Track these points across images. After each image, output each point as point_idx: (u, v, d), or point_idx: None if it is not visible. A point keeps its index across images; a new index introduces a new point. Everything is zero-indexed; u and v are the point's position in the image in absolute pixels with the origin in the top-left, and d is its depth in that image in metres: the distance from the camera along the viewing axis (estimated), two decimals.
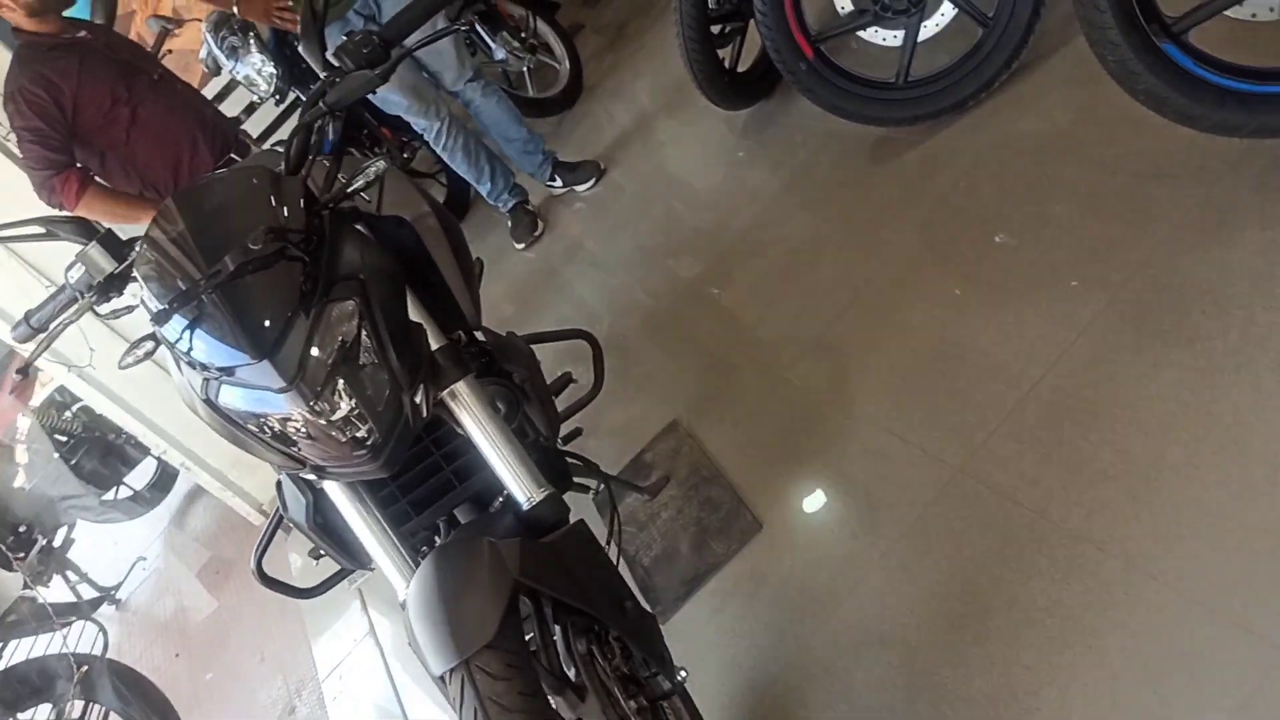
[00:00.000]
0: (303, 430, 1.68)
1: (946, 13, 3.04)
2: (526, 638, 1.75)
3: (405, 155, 5.00)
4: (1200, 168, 2.27)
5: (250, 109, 4.98)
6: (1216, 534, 1.74)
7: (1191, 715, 1.58)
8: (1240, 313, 1.98)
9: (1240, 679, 1.57)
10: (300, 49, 1.90)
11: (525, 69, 5.17)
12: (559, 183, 4.49)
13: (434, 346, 1.86)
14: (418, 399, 1.75)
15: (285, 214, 1.66)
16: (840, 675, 2.07)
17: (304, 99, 4.38)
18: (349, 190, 1.74)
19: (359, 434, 1.69)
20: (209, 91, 5.02)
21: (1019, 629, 1.87)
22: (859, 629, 2.12)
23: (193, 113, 3.53)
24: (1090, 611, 1.80)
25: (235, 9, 3.94)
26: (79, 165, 3.27)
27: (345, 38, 1.83)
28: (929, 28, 3.07)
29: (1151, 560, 1.78)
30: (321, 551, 2.23)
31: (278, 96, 4.67)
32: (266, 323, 1.61)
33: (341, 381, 1.65)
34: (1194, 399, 1.93)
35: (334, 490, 1.86)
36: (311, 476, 1.79)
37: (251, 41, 4.51)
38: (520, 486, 1.83)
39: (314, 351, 1.62)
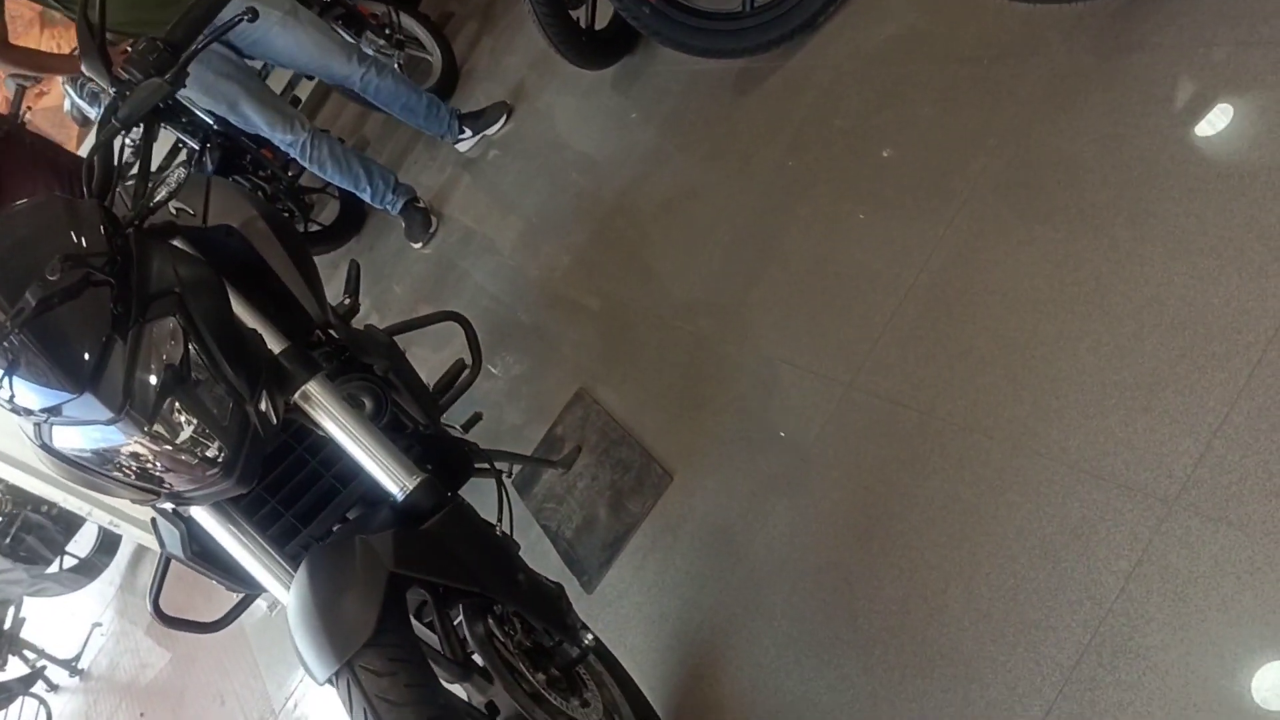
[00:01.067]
0: (150, 459, 1.61)
1: None
2: (428, 623, 1.70)
3: (290, 174, 4.90)
4: (1039, 40, 2.23)
5: None
6: (1094, 399, 1.71)
7: (1090, 583, 1.56)
8: (1092, 176, 1.95)
9: (1132, 539, 1.54)
10: (84, 68, 1.81)
11: (396, 65, 5.06)
12: (469, 134, 4.40)
13: (276, 351, 1.79)
14: (263, 407, 1.68)
15: (83, 239, 1.58)
16: (762, 610, 2.04)
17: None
18: (150, 205, 1.67)
19: (208, 453, 1.62)
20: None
21: (921, 530, 1.84)
22: (773, 560, 2.08)
23: (45, 164, 3.42)
24: (985, 500, 1.77)
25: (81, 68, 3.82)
26: None
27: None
28: None
29: (1036, 437, 1.76)
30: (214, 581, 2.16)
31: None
32: (84, 354, 1.53)
33: (176, 402, 1.58)
34: (1057, 270, 1.90)
35: (201, 514, 1.80)
36: (168, 506, 1.72)
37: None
38: (390, 477, 1.77)
39: (139, 375, 1.55)
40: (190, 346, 1.61)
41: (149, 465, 1.62)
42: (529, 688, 1.70)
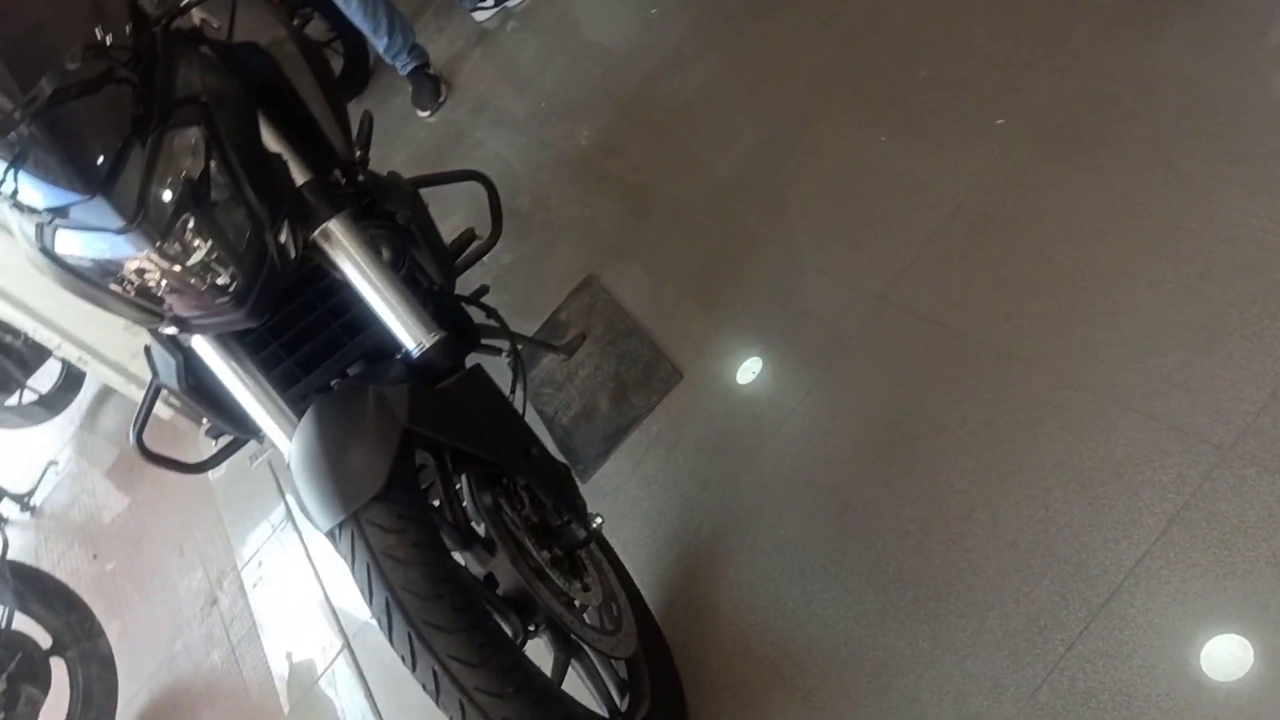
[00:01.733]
0: (157, 278, 1.51)
1: None
2: (425, 489, 1.62)
3: (295, 23, 4.69)
4: None
5: None
6: (1150, 337, 1.65)
7: (1129, 522, 1.50)
8: (1169, 106, 1.86)
9: (1179, 482, 1.49)
10: None
11: None
12: (489, 2, 4.23)
13: (300, 182, 1.68)
14: (283, 238, 1.58)
15: (107, 31, 1.45)
16: (766, 517, 1.98)
17: None
18: (182, 5, 1.53)
19: (219, 280, 1.52)
20: None
21: (948, 454, 1.78)
22: (785, 470, 2.02)
23: None
24: (1021, 429, 1.71)
25: None
26: None
27: None
28: None
29: (1083, 370, 1.69)
30: (205, 422, 2.08)
31: None
32: (98, 154, 1.42)
33: (192, 220, 1.48)
34: (1122, 201, 1.82)
35: (202, 346, 1.70)
36: (172, 330, 1.62)
37: None
38: (407, 331, 1.68)
39: (155, 186, 1.44)
40: (212, 162, 1.50)
41: (154, 284, 1.52)
42: (532, 563, 1.64)
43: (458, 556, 1.62)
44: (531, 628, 1.62)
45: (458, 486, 1.68)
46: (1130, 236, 1.77)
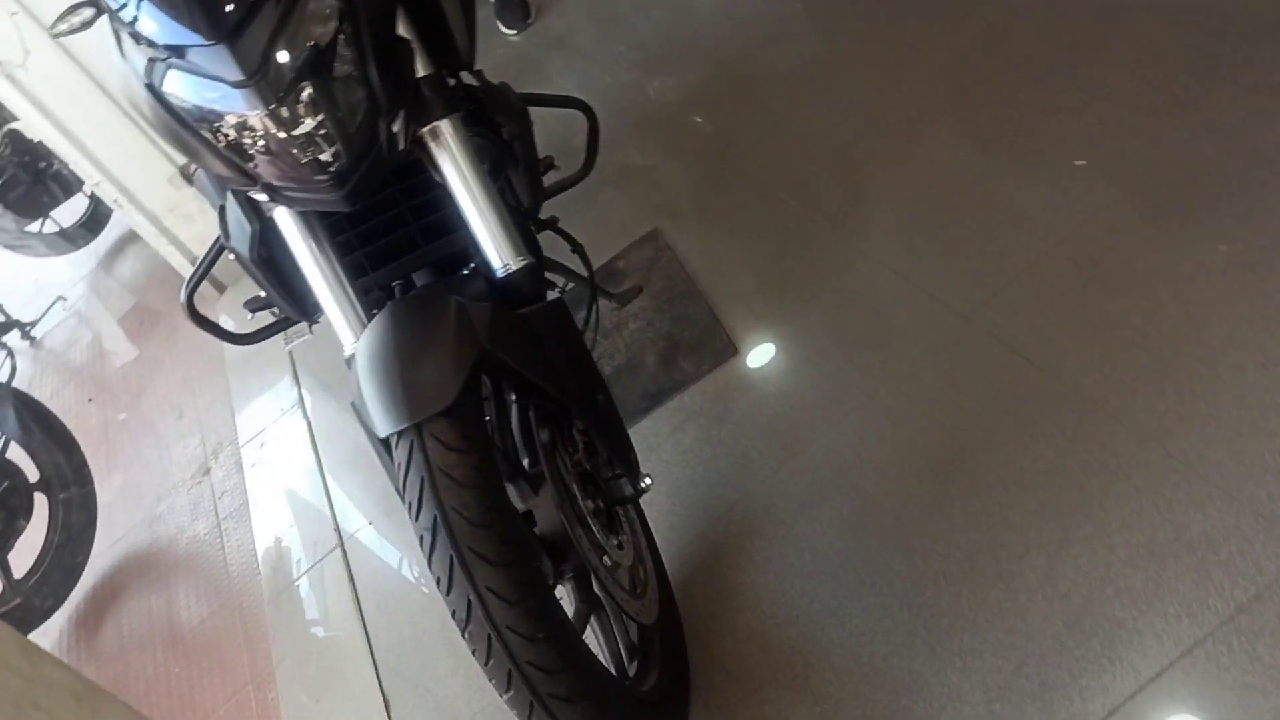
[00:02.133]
0: (259, 141, 1.45)
1: None
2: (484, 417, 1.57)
3: None
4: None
5: None
6: (1249, 418, 1.60)
7: (1194, 601, 1.46)
8: None
9: (1255, 570, 1.45)
10: None
11: None
12: None
13: (420, 74, 1.61)
14: (395, 127, 1.51)
15: None
16: (805, 512, 1.93)
17: None
18: None
19: (323, 155, 1.46)
20: None
21: (1011, 489, 1.73)
22: (831, 468, 1.97)
23: None
24: (1094, 480, 1.66)
25: None
26: None
27: None
28: None
29: (1172, 437, 1.64)
30: (261, 298, 2.03)
31: None
32: (230, 1, 1.35)
33: (309, 89, 1.41)
34: (1245, 275, 1.76)
35: (284, 219, 1.64)
36: (262, 197, 1.56)
37: None
38: (497, 249, 1.62)
39: (281, 46, 1.38)
40: (342, 35, 1.44)
41: (255, 146, 1.46)
42: (576, 510, 1.59)
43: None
44: (559, 573, 1.58)
45: (512, 418, 1.63)
46: (1245, 311, 1.72)
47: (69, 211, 5.43)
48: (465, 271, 1.83)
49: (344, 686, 2.33)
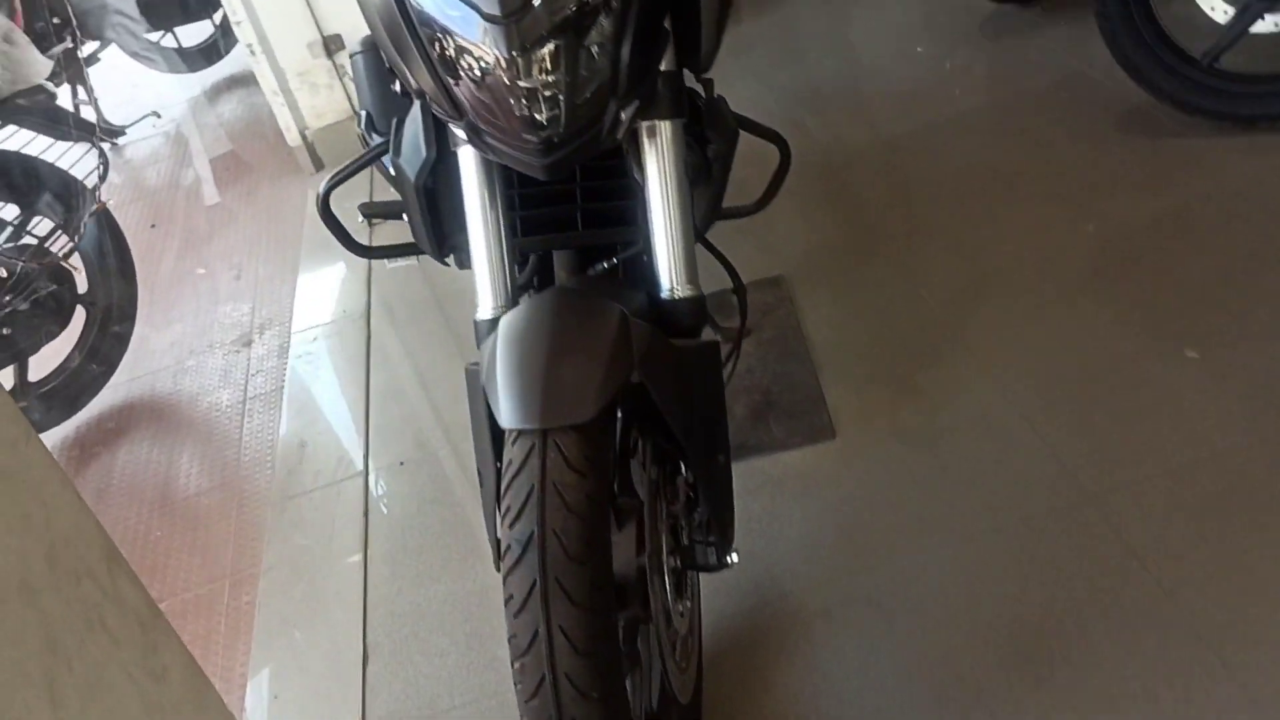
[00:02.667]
0: (485, 78, 1.34)
1: None
2: None
3: None
4: None
5: None
6: None
7: None
8: None
9: None
10: None
11: None
12: None
13: (662, 68, 1.50)
14: (624, 114, 1.40)
15: None
16: (863, 633, 1.81)
17: None
18: None
19: (540, 117, 1.35)
20: None
21: (1093, 699, 1.61)
22: (900, 598, 1.85)
23: None
24: None
25: None
26: None
27: None
28: (1269, 24, 2.63)
29: None
30: (382, 205, 1.93)
31: None
32: None
33: (554, 46, 1.31)
34: None
35: (468, 160, 1.52)
36: (461, 134, 1.45)
37: None
38: (671, 270, 1.51)
39: None
40: (611, 3, 1.33)
41: (476, 81, 1.35)
42: (655, 561, 1.48)
43: None
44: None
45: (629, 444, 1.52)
46: None
47: (191, 34, 5.35)
48: (605, 266, 1.72)
49: (325, 621, 2.23)
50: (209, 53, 5.39)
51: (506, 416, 1.30)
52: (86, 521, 1.00)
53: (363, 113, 2.38)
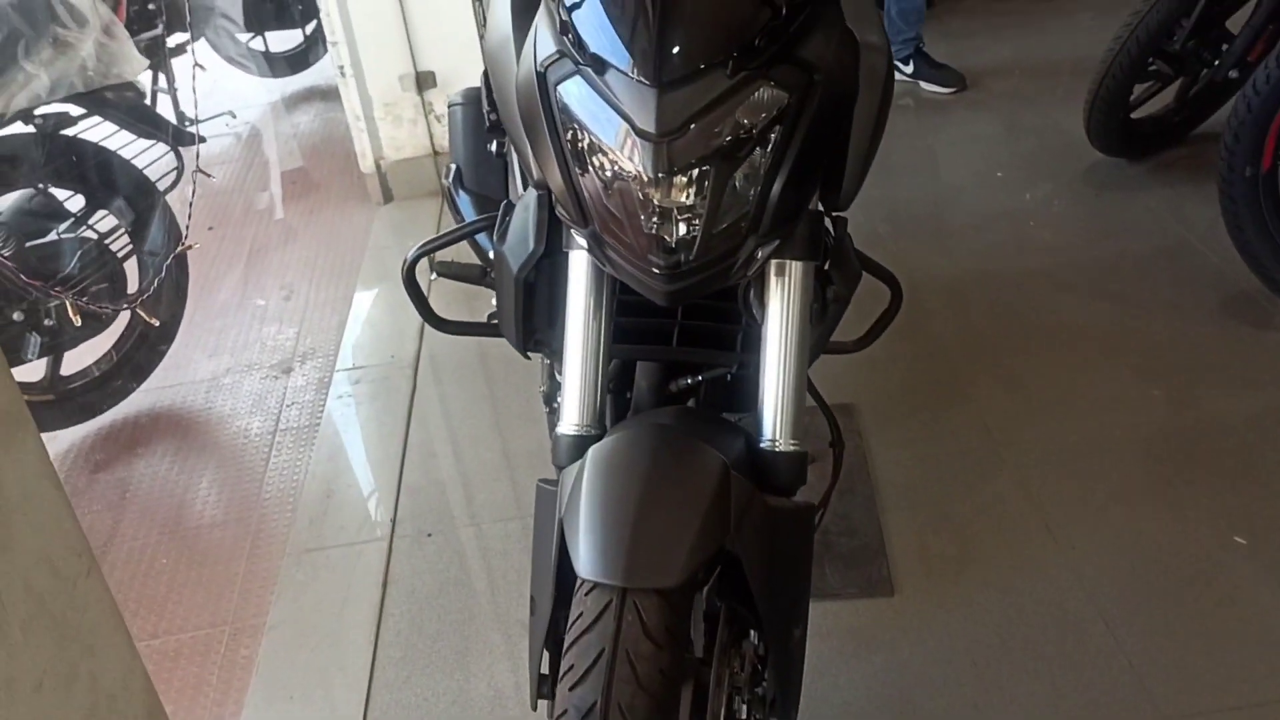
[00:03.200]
0: (617, 191, 1.23)
1: None
2: None
3: None
4: None
5: None
6: None
7: None
8: None
9: None
10: None
11: None
12: (910, 69, 4.17)
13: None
14: (760, 253, 1.29)
15: None
16: None
17: None
18: None
19: (671, 239, 1.24)
20: None
21: None
22: None
23: None
24: None
25: None
26: None
27: None
28: None
29: None
30: (461, 269, 1.82)
31: None
32: (687, 46, 1.15)
33: (707, 174, 1.21)
34: None
35: (579, 265, 1.41)
36: (580, 240, 1.34)
37: None
38: (778, 421, 1.39)
39: (708, 119, 1.16)
40: (773, 135, 1.22)
41: (609, 192, 1.24)
42: None
43: None
44: None
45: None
46: None
47: (280, 41, 5.33)
48: (689, 381, 1.60)
49: (325, 697, 2.09)
50: (295, 61, 5.37)
51: (585, 565, 1.17)
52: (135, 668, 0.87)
53: (453, 165, 2.29)
